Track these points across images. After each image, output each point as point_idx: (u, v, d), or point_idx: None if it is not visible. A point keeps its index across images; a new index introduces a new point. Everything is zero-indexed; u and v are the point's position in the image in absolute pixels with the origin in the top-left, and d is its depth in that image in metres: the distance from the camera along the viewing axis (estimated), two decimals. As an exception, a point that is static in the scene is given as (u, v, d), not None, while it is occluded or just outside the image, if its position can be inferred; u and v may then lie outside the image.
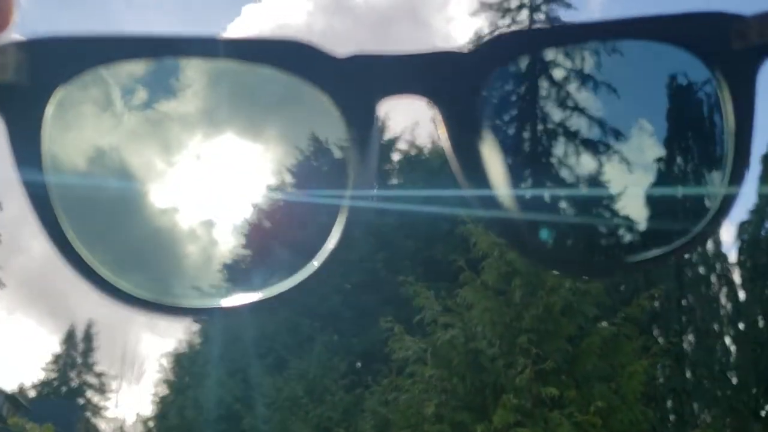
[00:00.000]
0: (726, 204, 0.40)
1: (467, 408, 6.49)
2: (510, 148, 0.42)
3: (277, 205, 0.47)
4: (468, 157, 0.40)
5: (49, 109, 0.40)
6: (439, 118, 0.40)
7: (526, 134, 0.44)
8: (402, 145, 14.61)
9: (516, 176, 0.42)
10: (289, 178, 0.47)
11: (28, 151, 0.40)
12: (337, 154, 0.42)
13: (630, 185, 0.44)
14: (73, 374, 29.64)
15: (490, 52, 0.40)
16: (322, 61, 0.39)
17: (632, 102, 0.44)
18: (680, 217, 0.42)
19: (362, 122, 0.40)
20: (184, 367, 16.49)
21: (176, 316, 0.42)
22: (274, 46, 0.40)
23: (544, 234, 0.41)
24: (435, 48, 0.40)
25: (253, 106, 0.45)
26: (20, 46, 0.40)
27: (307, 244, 0.42)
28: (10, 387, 28.23)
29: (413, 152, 14.43)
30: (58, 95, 0.40)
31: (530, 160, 0.45)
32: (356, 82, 0.40)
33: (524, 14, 12.09)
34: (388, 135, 14.45)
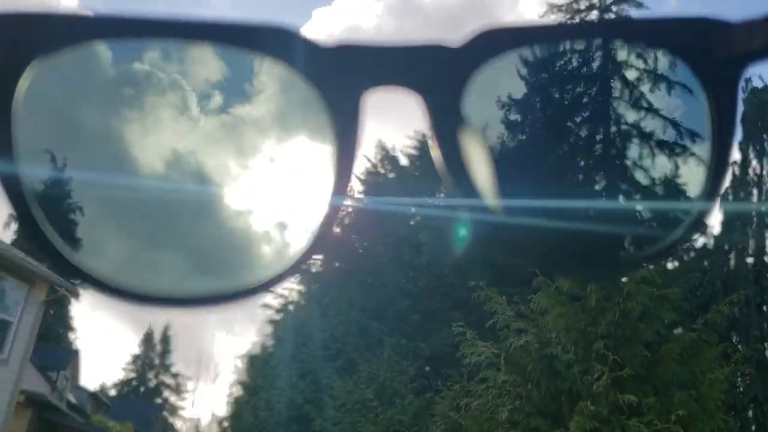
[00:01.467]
0: (706, 206, 0.39)
1: (542, 414, 6.42)
2: (494, 141, 0.42)
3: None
4: (452, 149, 0.39)
5: (22, 86, 0.38)
6: (424, 110, 0.39)
7: (510, 128, 0.43)
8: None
9: (498, 169, 0.41)
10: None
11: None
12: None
13: (606, 185, 0.44)
14: (151, 374, 30.37)
15: (477, 47, 0.39)
16: (307, 49, 0.38)
17: (617, 101, 0.44)
18: (657, 221, 0.43)
19: (346, 112, 0.39)
20: (257, 369, 16.62)
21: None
22: (260, 31, 0.38)
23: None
24: (423, 40, 0.39)
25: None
26: None
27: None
28: (93, 386, 29.16)
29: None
30: (32, 71, 0.38)
31: (514, 154, 0.44)
32: (341, 72, 0.38)
33: (594, 15, 11.85)
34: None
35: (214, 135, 0.42)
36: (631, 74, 0.43)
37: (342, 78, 0.38)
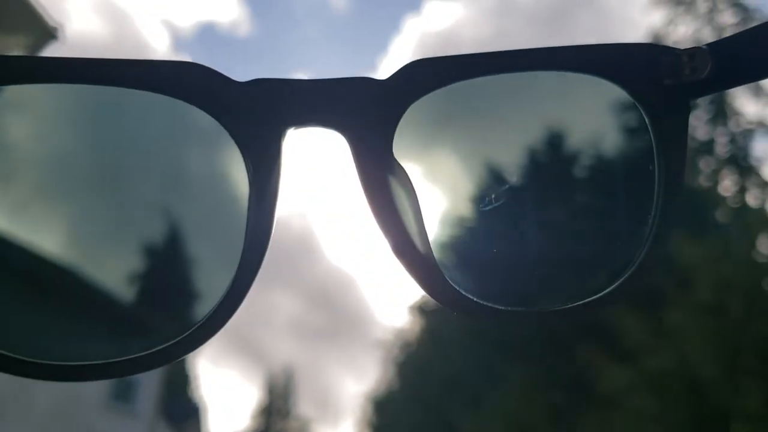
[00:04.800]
0: (654, 246, 0.38)
1: (691, 440, 6.27)
2: (425, 186, 0.41)
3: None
4: (380, 196, 0.38)
5: None
6: (348, 152, 0.38)
7: (443, 170, 0.42)
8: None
9: (431, 216, 0.40)
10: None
11: None
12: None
13: (551, 228, 0.43)
14: (276, 420, 31.41)
15: (406, 82, 0.38)
16: (218, 86, 0.37)
17: (554, 139, 0.42)
18: (602, 262, 0.41)
19: (262, 155, 0.37)
20: (383, 408, 16.92)
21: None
22: (165, 69, 0.37)
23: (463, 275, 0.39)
24: (348, 76, 0.38)
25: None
26: None
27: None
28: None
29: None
30: None
31: (448, 198, 0.43)
32: (256, 111, 0.38)
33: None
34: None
35: (119, 185, 0.41)
36: (573, 106, 0.42)
37: (257, 117, 0.38)
